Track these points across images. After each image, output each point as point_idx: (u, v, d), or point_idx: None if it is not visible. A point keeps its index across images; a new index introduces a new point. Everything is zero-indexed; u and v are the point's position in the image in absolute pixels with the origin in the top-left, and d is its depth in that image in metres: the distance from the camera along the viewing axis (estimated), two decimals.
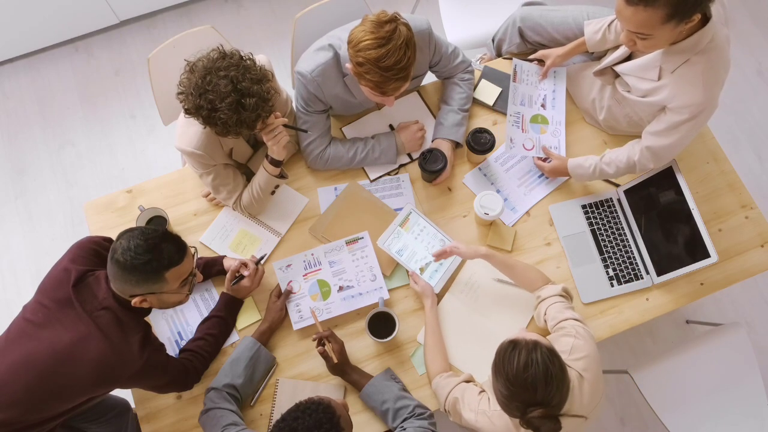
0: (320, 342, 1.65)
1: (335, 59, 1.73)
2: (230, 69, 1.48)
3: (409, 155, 1.99)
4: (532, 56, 2.06)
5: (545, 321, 1.66)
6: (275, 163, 1.73)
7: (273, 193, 1.84)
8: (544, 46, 2.07)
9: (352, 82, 1.79)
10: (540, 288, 1.68)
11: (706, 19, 1.50)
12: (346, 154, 1.91)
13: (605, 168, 1.83)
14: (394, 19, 1.54)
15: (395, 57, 1.51)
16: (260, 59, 1.70)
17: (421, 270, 1.81)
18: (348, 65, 1.64)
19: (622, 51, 1.75)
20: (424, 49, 1.82)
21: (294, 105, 1.87)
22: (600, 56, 1.98)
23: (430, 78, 2.10)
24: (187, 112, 1.53)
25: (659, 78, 1.62)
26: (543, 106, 2.02)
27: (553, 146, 1.97)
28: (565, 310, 1.60)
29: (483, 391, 1.54)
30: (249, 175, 1.90)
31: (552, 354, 1.30)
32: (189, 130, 1.65)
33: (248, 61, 1.53)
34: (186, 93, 1.51)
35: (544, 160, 1.95)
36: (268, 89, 1.52)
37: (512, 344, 1.33)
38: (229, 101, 1.46)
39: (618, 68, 1.76)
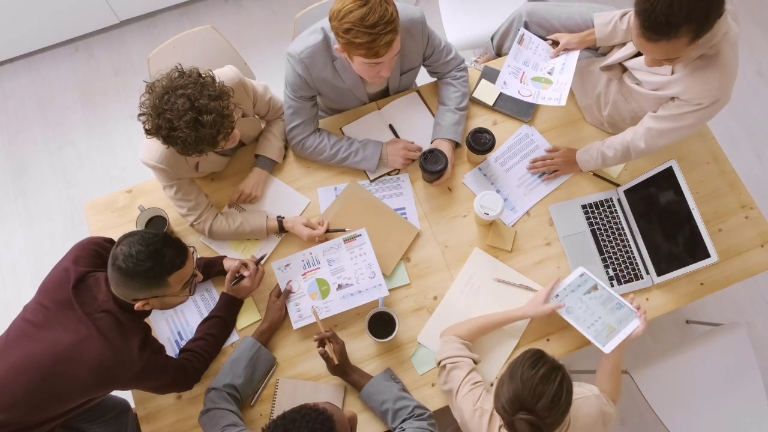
0: (321, 343, 1.65)
1: (325, 42, 1.75)
2: (188, 87, 1.47)
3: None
4: (548, 37, 2.03)
5: None
6: (281, 228, 1.85)
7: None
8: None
9: (341, 66, 1.80)
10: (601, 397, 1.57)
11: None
12: (329, 150, 1.92)
13: (606, 151, 1.86)
14: None
15: (379, 12, 1.52)
16: (225, 72, 1.70)
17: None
18: (336, 46, 1.65)
19: (632, 49, 1.75)
20: (417, 38, 1.83)
21: (283, 92, 1.88)
22: (606, 52, 1.98)
23: (429, 78, 2.10)
24: (148, 132, 1.52)
25: (673, 72, 1.64)
26: (550, 73, 1.98)
27: (554, 98, 1.90)
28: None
29: (481, 382, 1.54)
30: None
31: (569, 385, 1.31)
32: (153, 143, 1.62)
33: (207, 78, 1.52)
34: (146, 114, 1.50)
35: (545, 162, 1.96)
36: (227, 105, 1.52)
37: (539, 354, 1.34)
38: (186, 119, 1.44)
39: (628, 64, 1.75)
